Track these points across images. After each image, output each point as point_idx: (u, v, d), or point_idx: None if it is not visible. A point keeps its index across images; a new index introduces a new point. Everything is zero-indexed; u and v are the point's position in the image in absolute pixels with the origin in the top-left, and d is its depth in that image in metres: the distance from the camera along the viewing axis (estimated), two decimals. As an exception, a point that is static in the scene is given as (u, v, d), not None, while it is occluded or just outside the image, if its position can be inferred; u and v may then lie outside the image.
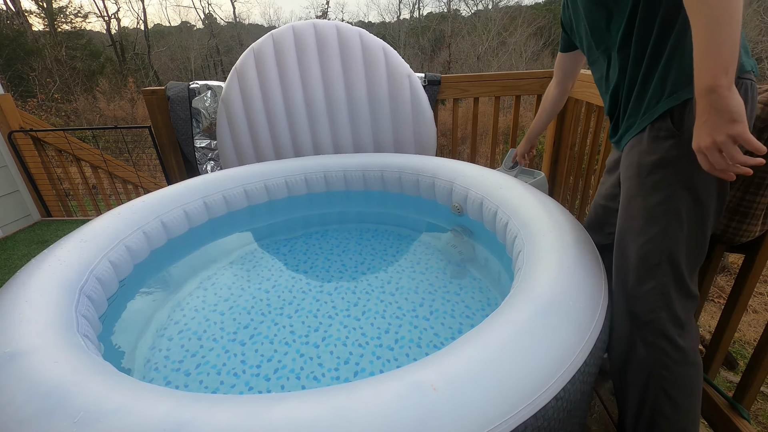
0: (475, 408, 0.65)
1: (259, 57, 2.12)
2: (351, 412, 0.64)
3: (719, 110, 0.69)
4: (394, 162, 2.01)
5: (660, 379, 0.92)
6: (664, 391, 0.93)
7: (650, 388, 0.94)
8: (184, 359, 1.26)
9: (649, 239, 0.89)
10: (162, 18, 36.75)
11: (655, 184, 0.87)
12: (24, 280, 1.07)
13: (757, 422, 2.16)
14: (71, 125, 10.72)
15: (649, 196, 0.88)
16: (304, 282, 1.62)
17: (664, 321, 0.91)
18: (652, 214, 0.88)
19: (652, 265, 0.90)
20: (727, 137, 0.69)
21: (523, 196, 1.42)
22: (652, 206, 0.88)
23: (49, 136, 3.05)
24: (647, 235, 0.89)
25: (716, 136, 0.70)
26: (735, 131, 0.69)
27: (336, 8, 22.27)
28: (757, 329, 3.05)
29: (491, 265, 1.61)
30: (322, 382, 1.16)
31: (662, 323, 0.91)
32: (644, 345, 0.93)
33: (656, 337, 0.91)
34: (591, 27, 1.02)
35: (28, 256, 2.49)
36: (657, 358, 0.92)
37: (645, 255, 0.91)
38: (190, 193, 1.76)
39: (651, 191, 0.87)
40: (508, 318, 0.83)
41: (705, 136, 0.71)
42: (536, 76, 2.24)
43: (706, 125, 0.71)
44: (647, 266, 0.91)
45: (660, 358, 0.91)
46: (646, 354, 0.93)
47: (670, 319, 0.91)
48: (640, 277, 0.92)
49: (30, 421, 0.66)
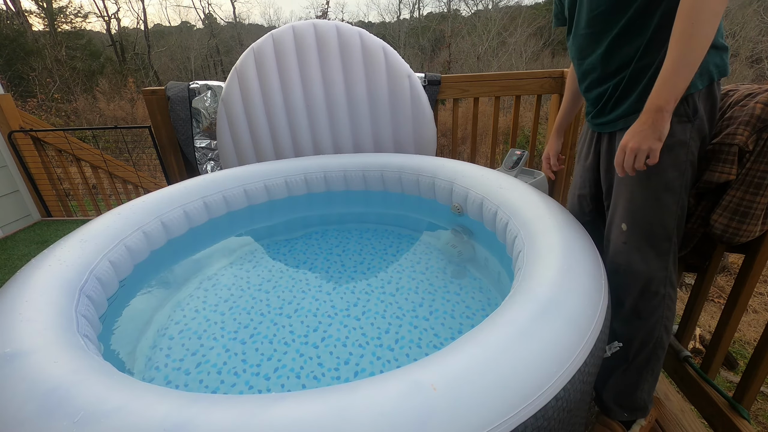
0: (475, 408, 0.65)
1: (259, 57, 2.12)
2: (351, 412, 0.64)
3: (655, 127, 0.87)
4: (394, 162, 2.01)
5: (665, 319, 1.08)
6: (665, 327, 1.09)
7: (656, 327, 1.08)
8: (185, 358, 1.26)
9: (669, 211, 1.01)
10: (162, 18, 36.74)
11: (674, 163, 0.97)
12: (24, 280, 1.07)
13: (757, 422, 2.16)
14: (71, 125, 10.71)
15: (665, 173, 0.98)
16: (304, 282, 1.62)
17: (671, 273, 1.05)
18: (671, 187, 0.98)
19: (669, 233, 1.02)
20: (648, 148, 0.88)
21: (523, 196, 1.42)
22: (670, 181, 0.98)
23: (49, 136, 3.05)
24: (668, 207, 1.00)
25: (642, 144, 0.89)
26: (655, 146, 0.88)
27: (336, 8, 22.25)
28: (757, 329, 3.05)
29: (491, 265, 1.61)
30: (322, 382, 1.16)
31: (671, 275, 1.05)
32: (657, 296, 1.06)
33: (667, 287, 1.06)
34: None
35: (28, 256, 2.49)
36: (666, 304, 1.07)
37: (664, 224, 1.01)
38: (190, 193, 1.76)
39: (668, 169, 0.97)
40: (508, 318, 0.83)
41: (637, 140, 0.89)
42: (536, 76, 2.24)
43: (641, 133, 0.88)
44: (665, 234, 1.02)
45: (668, 303, 1.07)
46: (658, 303, 1.06)
47: (674, 270, 1.06)
48: (657, 245, 1.03)
49: (30, 421, 0.66)
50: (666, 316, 1.08)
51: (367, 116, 2.22)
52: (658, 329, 1.08)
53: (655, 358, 1.11)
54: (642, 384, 1.13)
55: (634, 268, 1.06)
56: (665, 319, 1.08)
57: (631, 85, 0.99)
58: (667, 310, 1.08)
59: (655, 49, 0.93)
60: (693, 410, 1.30)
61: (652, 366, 1.12)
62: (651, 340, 1.09)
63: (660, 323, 1.08)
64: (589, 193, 1.27)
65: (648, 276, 1.04)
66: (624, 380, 1.14)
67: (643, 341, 1.09)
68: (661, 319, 1.07)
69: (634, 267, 1.06)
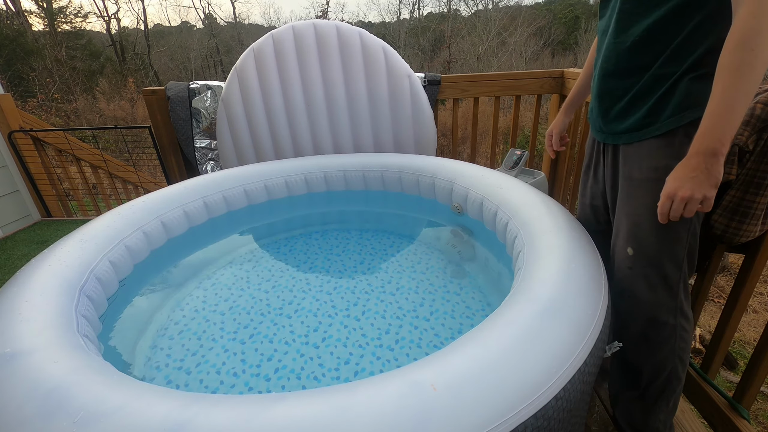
0: (475, 408, 0.65)
1: (259, 57, 2.12)
2: (351, 412, 0.64)
3: (710, 173, 0.75)
4: (394, 162, 2.01)
5: (679, 350, 1.01)
6: (680, 358, 1.02)
7: (669, 359, 1.02)
8: (185, 358, 1.26)
9: (680, 240, 0.94)
10: (162, 18, 36.80)
11: None
12: (24, 280, 1.07)
13: (757, 422, 2.16)
14: (71, 125, 10.72)
15: None
16: (304, 282, 1.62)
17: (682, 302, 0.99)
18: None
19: (679, 262, 0.95)
20: (703, 197, 0.77)
21: (523, 196, 1.42)
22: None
23: (49, 136, 3.05)
24: (678, 235, 0.93)
25: (695, 193, 0.77)
26: (711, 194, 0.77)
27: (336, 8, 22.27)
28: (757, 329, 3.05)
29: (491, 265, 1.61)
30: (323, 382, 1.16)
31: (681, 305, 0.99)
32: (666, 326, 0.99)
33: (677, 317, 0.99)
34: None
35: (28, 256, 2.49)
36: (679, 335, 1.00)
37: (674, 254, 0.95)
38: (190, 193, 1.76)
39: None
40: (508, 318, 0.83)
41: (689, 188, 0.78)
42: (536, 76, 2.24)
43: (694, 180, 0.77)
44: (675, 264, 0.95)
45: (680, 333, 1.00)
46: (668, 334, 1.00)
47: (686, 298, 1.00)
48: (665, 274, 0.96)
49: (30, 421, 0.66)
50: (680, 347, 1.01)
51: (367, 116, 2.22)
52: (671, 361, 1.02)
53: (670, 389, 1.05)
54: (656, 414, 1.08)
55: (640, 297, 0.99)
56: (679, 350, 1.01)
57: (643, 94, 0.91)
58: (681, 341, 1.01)
59: (680, 59, 0.84)
60: (693, 410, 1.30)
61: (667, 397, 1.06)
62: (663, 372, 1.03)
63: (673, 355, 1.01)
64: (602, 204, 1.19)
65: (655, 306, 0.98)
66: (636, 408, 1.10)
67: (654, 372, 1.03)
68: (674, 350, 1.01)
69: (640, 296, 0.99)
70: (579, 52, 16.16)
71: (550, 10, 19.18)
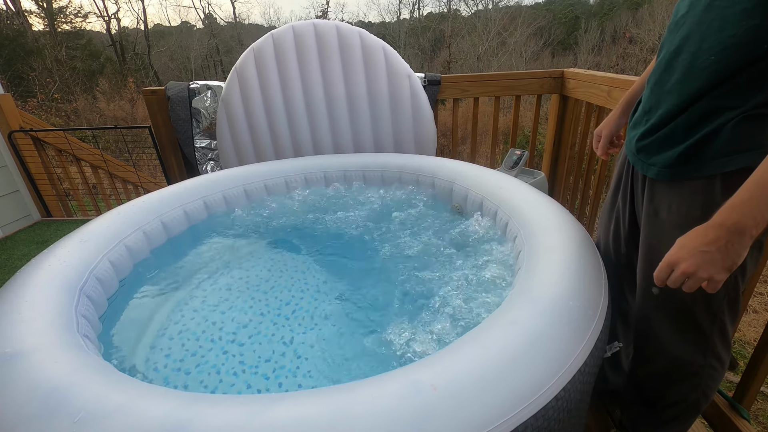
0: (475, 408, 0.65)
1: (259, 57, 2.12)
2: (351, 412, 0.63)
3: (728, 252, 0.62)
4: (394, 162, 2.01)
5: (705, 387, 0.94)
6: (704, 393, 0.96)
7: (692, 393, 0.96)
8: (185, 359, 1.26)
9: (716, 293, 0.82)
10: (162, 18, 36.79)
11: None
12: (24, 280, 1.07)
13: (757, 422, 2.16)
14: (71, 125, 10.71)
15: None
16: (303, 282, 1.62)
17: (716, 344, 0.90)
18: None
19: (714, 312, 0.86)
20: (710, 277, 0.65)
21: (523, 196, 1.42)
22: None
23: (49, 136, 3.05)
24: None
25: (701, 271, 0.65)
26: (721, 278, 0.64)
27: (336, 8, 22.23)
28: (757, 329, 3.05)
29: (491, 265, 1.61)
30: (321, 383, 1.16)
31: (715, 347, 0.90)
32: (693, 365, 0.93)
33: (708, 357, 0.91)
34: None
35: (28, 256, 2.49)
36: (708, 373, 0.92)
37: (708, 303, 0.86)
38: (190, 193, 1.76)
39: None
40: (508, 318, 0.83)
41: (693, 262, 0.65)
42: (536, 76, 2.24)
43: (705, 256, 0.64)
44: (709, 314, 0.86)
45: (709, 372, 0.92)
46: (695, 371, 0.93)
47: (722, 342, 0.90)
48: (696, 323, 0.88)
49: (30, 421, 0.66)
50: (706, 385, 0.93)
51: (367, 116, 2.22)
52: (693, 395, 0.95)
53: (686, 415, 1.00)
54: (667, 431, 1.06)
55: (665, 337, 0.90)
56: (705, 387, 0.94)
57: (690, 123, 0.76)
58: (708, 379, 0.92)
59: (740, 95, 0.69)
60: (693, 410, 1.30)
61: (682, 422, 1.02)
62: (683, 404, 0.97)
63: (697, 391, 0.94)
64: (624, 235, 1.06)
65: (683, 349, 0.91)
66: (647, 422, 1.08)
67: (674, 401, 0.98)
68: (698, 387, 0.93)
69: (665, 337, 0.90)
70: (579, 52, 16.16)
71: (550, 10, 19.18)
